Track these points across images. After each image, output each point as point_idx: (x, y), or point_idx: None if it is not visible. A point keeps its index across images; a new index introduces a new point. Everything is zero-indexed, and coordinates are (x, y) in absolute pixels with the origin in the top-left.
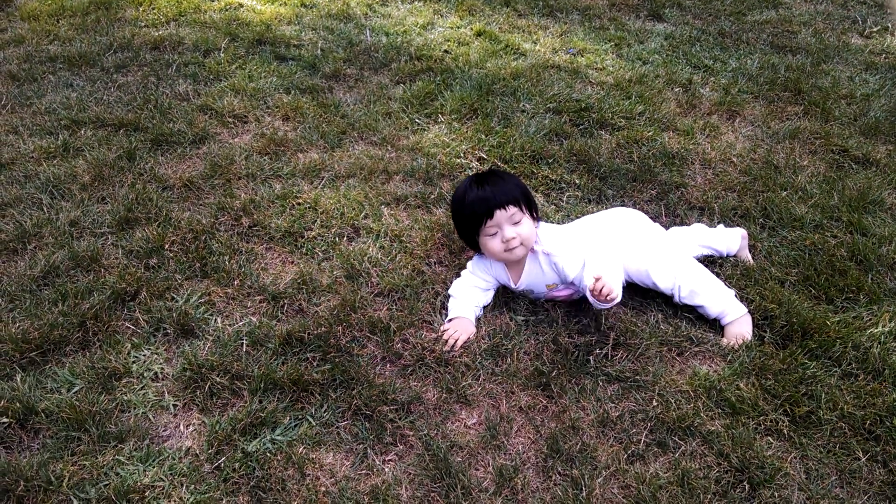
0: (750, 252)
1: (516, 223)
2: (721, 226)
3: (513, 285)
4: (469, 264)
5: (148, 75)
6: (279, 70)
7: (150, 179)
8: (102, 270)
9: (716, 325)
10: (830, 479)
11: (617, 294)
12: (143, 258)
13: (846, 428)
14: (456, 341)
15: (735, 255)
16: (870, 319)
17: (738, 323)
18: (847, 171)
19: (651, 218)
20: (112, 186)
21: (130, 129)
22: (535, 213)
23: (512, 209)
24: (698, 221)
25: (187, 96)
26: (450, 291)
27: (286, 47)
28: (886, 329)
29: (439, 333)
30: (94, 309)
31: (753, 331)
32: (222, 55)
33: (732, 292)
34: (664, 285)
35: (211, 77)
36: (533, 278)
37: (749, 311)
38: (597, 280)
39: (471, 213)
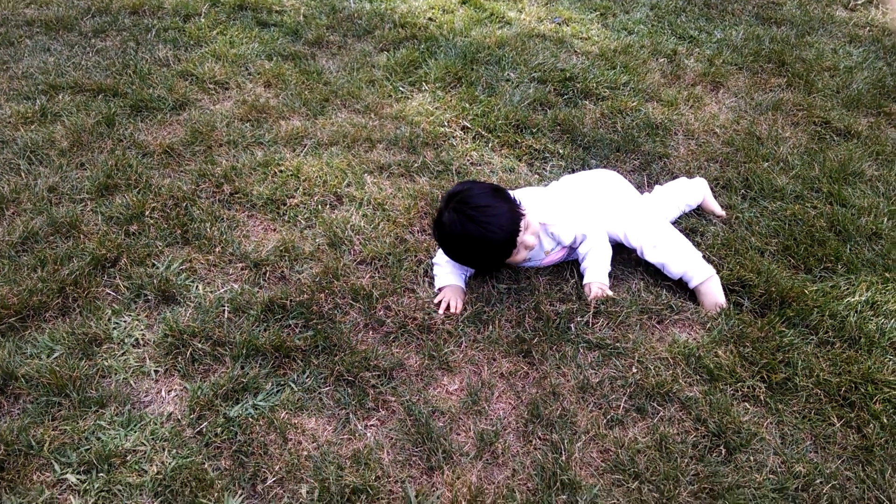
0: (731, 222)
1: (517, 252)
2: (683, 178)
3: (543, 262)
4: None
5: (127, 40)
6: (261, 36)
7: (130, 145)
8: (82, 237)
9: (688, 289)
10: (805, 444)
11: (605, 289)
12: (124, 225)
13: (821, 394)
14: (450, 306)
15: (701, 206)
16: (847, 289)
17: (710, 290)
18: (828, 143)
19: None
20: (91, 152)
21: (109, 94)
22: (520, 227)
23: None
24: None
25: (167, 62)
26: (435, 260)
27: (268, 13)
28: (863, 298)
29: (432, 304)
30: (74, 275)
31: (732, 298)
32: (203, 20)
33: (699, 254)
34: (634, 242)
35: (191, 42)
36: (552, 249)
37: (727, 280)
38: (598, 296)
39: (501, 251)
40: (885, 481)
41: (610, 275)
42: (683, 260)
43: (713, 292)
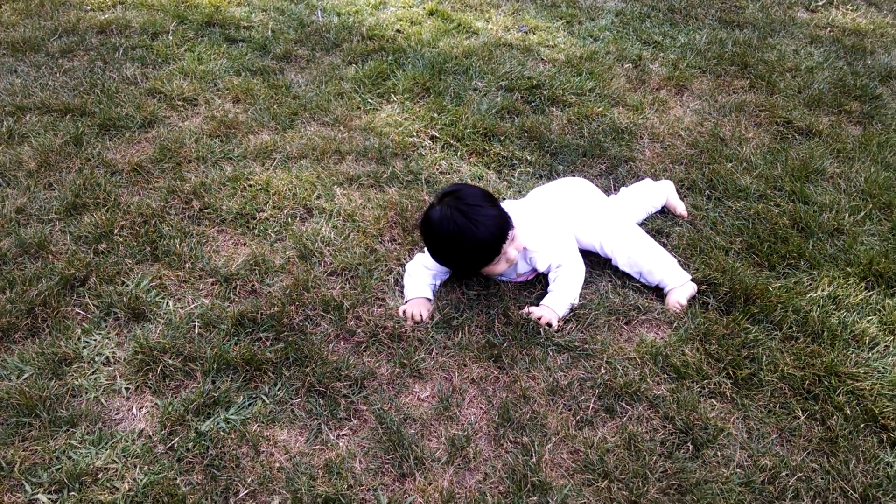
0: (696, 222)
1: (496, 262)
2: (648, 179)
3: (515, 279)
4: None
5: (94, 60)
6: (229, 52)
7: (98, 164)
8: (51, 257)
9: (662, 295)
10: (771, 438)
11: (557, 318)
12: (92, 243)
13: (786, 388)
14: (415, 318)
15: (666, 206)
16: (810, 284)
17: (677, 290)
18: (791, 143)
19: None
20: (59, 172)
21: (77, 114)
22: (507, 237)
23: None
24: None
25: (135, 80)
26: (407, 269)
27: (236, 29)
28: (825, 293)
29: (397, 314)
30: (43, 295)
31: (697, 297)
32: (170, 38)
33: (675, 261)
34: (609, 253)
35: (159, 60)
36: (527, 270)
37: (693, 279)
38: (538, 319)
39: (482, 253)
40: (850, 471)
41: (573, 309)
42: (661, 268)
43: (678, 298)
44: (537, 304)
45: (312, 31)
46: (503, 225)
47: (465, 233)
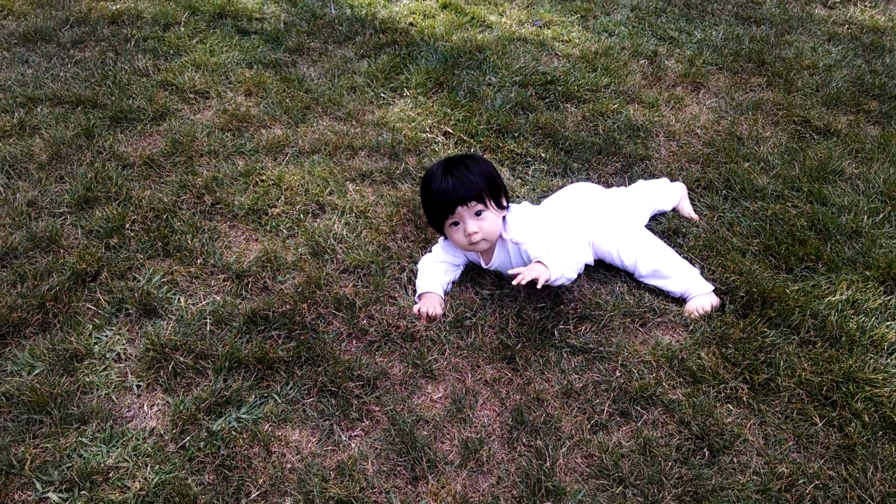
0: (712, 223)
1: (479, 217)
2: (664, 179)
3: (483, 265)
4: (440, 241)
5: (106, 51)
6: (241, 44)
7: (110, 157)
8: (62, 251)
9: (678, 297)
10: (788, 444)
11: (546, 276)
12: (104, 238)
13: (803, 394)
14: (428, 315)
15: (675, 209)
16: (828, 288)
17: (701, 297)
18: (808, 142)
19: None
20: (70, 165)
21: (88, 106)
22: (503, 201)
23: (474, 204)
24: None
25: (147, 72)
26: (418, 266)
27: (248, 20)
28: (844, 297)
29: (410, 313)
30: (54, 290)
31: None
32: (182, 29)
33: (697, 270)
34: (629, 264)
35: (171, 52)
36: (502, 261)
37: (710, 281)
38: (513, 276)
39: (434, 205)
40: (868, 480)
41: (567, 282)
42: (684, 280)
43: (702, 303)
44: (552, 306)
45: (325, 23)
46: (470, 191)
47: (430, 177)
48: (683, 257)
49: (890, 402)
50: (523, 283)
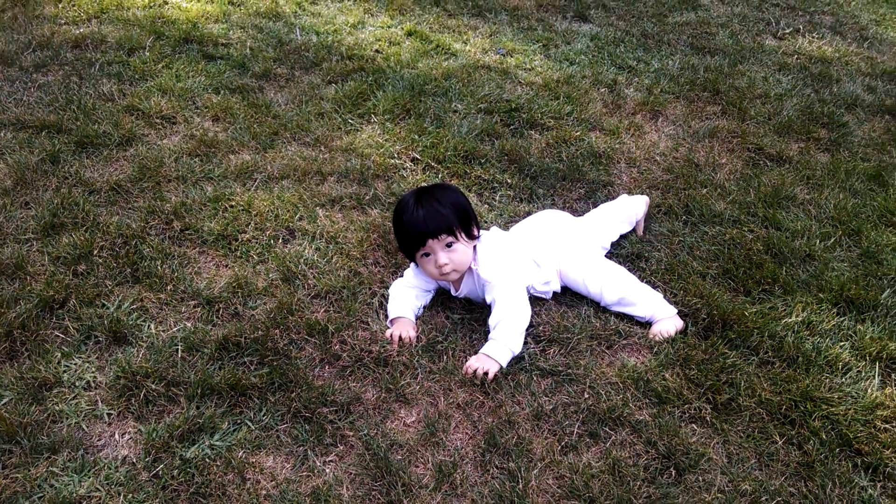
0: (673, 247)
1: (450, 248)
2: (623, 196)
3: (453, 292)
4: (412, 266)
5: (70, 75)
6: (207, 69)
7: (76, 183)
8: (28, 278)
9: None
10: (750, 462)
11: (496, 369)
12: (71, 265)
13: (764, 413)
14: (402, 339)
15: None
16: (784, 310)
17: (666, 321)
18: (762, 168)
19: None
20: (35, 191)
21: (53, 130)
22: (474, 231)
23: (445, 237)
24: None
25: (112, 97)
26: (390, 291)
27: (214, 46)
28: (799, 318)
29: (382, 337)
30: (21, 318)
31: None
32: (147, 54)
33: (660, 295)
34: (595, 292)
35: (136, 77)
36: (471, 289)
37: (678, 310)
38: (474, 371)
39: (405, 235)
40: (826, 496)
41: (515, 358)
42: (650, 301)
43: (667, 327)
44: (534, 337)
45: (291, 49)
46: (440, 225)
47: (401, 207)
48: (645, 281)
49: (845, 419)
50: (470, 373)
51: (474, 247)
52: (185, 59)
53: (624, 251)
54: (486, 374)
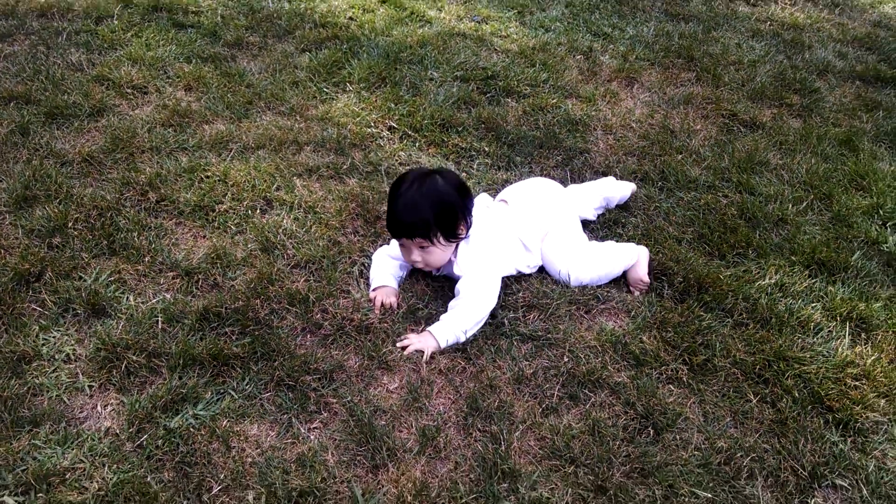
0: (650, 213)
1: (424, 250)
2: (611, 178)
3: (434, 273)
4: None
5: (36, 44)
6: (178, 38)
7: (47, 155)
8: (2, 251)
9: (619, 283)
10: (726, 421)
11: (433, 348)
12: (46, 237)
13: (738, 373)
14: (384, 305)
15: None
16: (758, 273)
17: (634, 269)
18: (736, 135)
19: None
20: (6, 163)
21: (21, 101)
22: (460, 230)
23: (419, 240)
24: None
25: (81, 66)
26: (373, 258)
27: (184, 14)
28: (772, 281)
29: (366, 302)
30: None
31: (654, 286)
32: (116, 22)
33: (620, 248)
34: (573, 283)
35: (105, 46)
36: (449, 271)
37: (651, 271)
38: (409, 349)
39: (388, 221)
40: (799, 451)
41: (459, 343)
42: (618, 265)
43: (640, 274)
44: (502, 297)
45: (263, 17)
46: (415, 228)
47: (393, 189)
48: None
49: (817, 378)
50: (408, 352)
51: (457, 244)
52: (155, 28)
53: (601, 218)
54: (421, 353)
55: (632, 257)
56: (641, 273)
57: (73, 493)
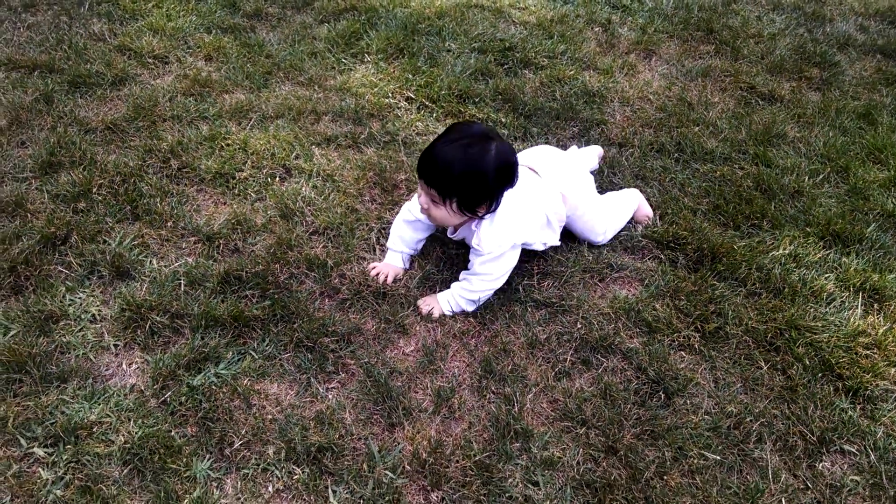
0: (665, 184)
1: (433, 202)
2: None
3: (449, 233)
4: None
5: (59, 14)
6: (198, 8)
7: (71, 122)
8: (29, 215)
9: (634, 251)
10: (736, 387)
11: (438, 312)
12: (71, 202)
13: (750, 341)
14: (382, 276)
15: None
16: (772, 243)
17: (640, 208)
18: (754, 107)
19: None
20: (31, 130)
21: (45, 70)
22: (480, 209)
23: (432, 191)
24: (617, 155)
25: (103, 36)
26: (393, 223)
27: None
28: (786, 251)
29: (368, 270)
30: (24, 254)
31: (667, 255)
32: None
33: (620, 198)
34: (592, 242)
35: (126, 16)
36: (466, 236)
37: (663, 237)
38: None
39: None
40: (808, 417)
41: (463, 312)
42: (625, 215)
43: (646, 212)
44: (517, 265)
45: None
46: (433, 179)
47: (444, 132)
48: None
49: (828, 346)
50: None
51: (478, 221)
52: None
53: (616, 189)
54: (430, 314)
55: (636, 199)
56: (647, 210)
57: (101, 446)
